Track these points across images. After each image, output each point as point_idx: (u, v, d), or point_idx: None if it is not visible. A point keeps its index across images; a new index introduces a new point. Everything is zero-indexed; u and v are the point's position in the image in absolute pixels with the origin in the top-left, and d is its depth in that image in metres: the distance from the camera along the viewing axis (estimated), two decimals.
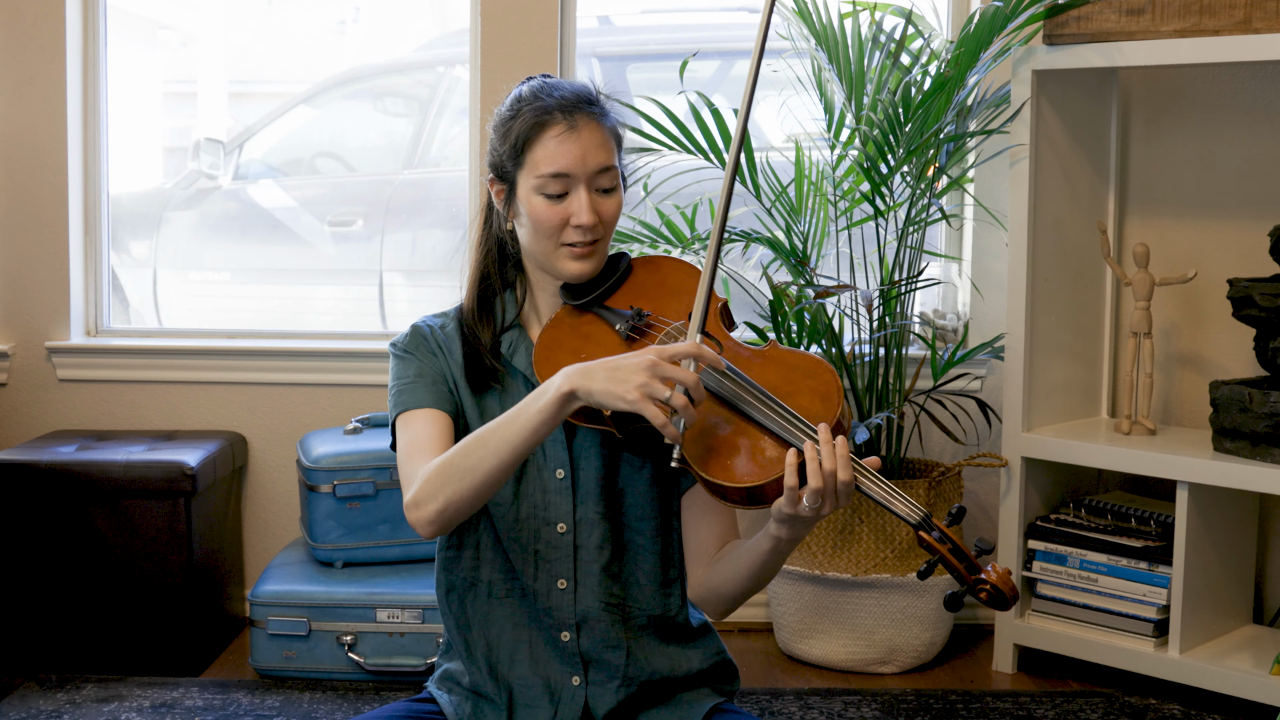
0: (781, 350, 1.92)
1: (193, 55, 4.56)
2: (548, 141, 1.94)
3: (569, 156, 1.93)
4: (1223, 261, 3.29)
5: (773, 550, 1.88)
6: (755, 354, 1.92)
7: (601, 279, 2.00)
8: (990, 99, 3.33)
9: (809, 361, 1.88)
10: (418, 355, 2.02)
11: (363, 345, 3.62)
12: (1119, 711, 3.01)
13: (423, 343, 2.03)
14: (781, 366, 1.89)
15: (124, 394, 3.60)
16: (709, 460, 1.82)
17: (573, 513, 1.99)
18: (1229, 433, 3.00)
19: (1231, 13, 2.91)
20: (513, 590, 2.01)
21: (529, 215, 1.95)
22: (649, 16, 4.23)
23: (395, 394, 2.00)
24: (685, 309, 1.97)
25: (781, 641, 3.39)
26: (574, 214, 1.93)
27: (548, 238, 1.95)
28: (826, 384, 1.85)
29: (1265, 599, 3.31)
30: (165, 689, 3.07)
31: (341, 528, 3.24)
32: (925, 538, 1.74)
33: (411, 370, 2.00)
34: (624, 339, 1.95)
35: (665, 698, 2.03)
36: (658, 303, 1.99)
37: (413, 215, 4.19)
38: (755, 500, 1.81)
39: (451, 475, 1.82)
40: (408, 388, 1.99)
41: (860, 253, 3.42)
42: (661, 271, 2.04)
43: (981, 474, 3.60)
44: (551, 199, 1.94)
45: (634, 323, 1.95)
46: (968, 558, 1.73)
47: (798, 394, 1.84)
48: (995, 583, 1.71)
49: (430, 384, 1.99)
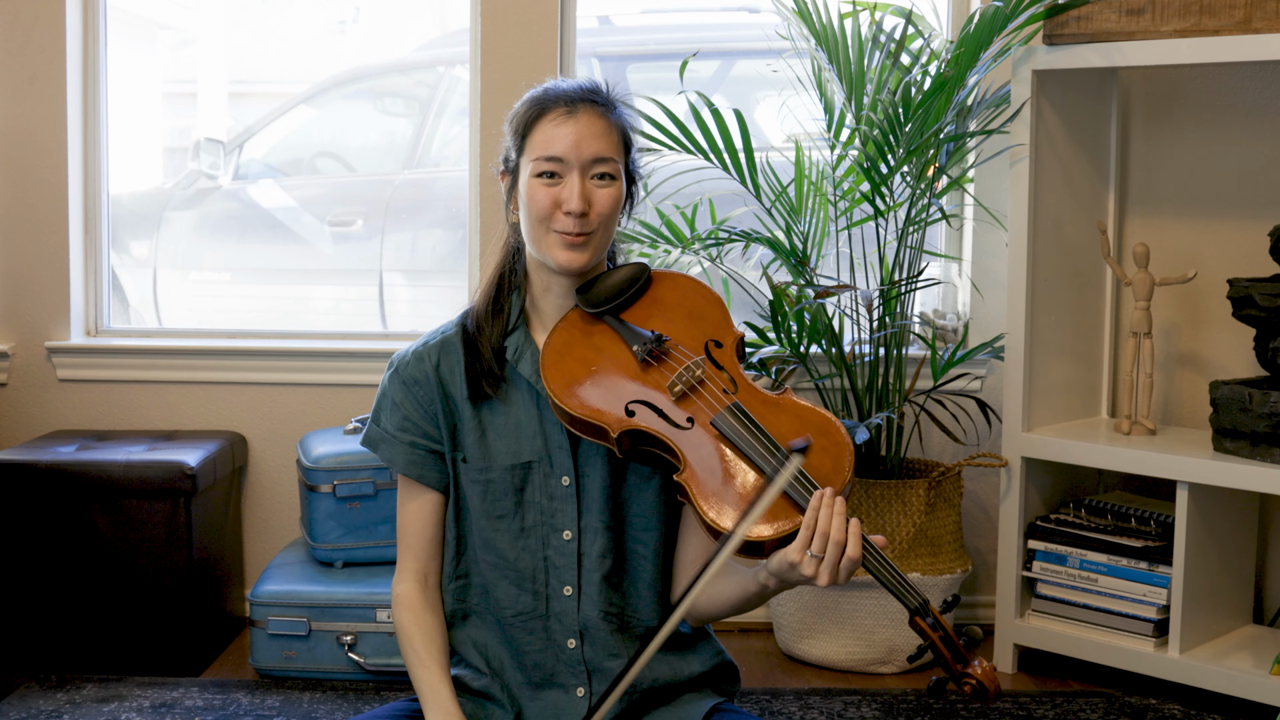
0: (795, 402, 1.89)
1: (193, 55, 4.56)
2: (545, 125, 1.95)
3: (565, 140, 1.94)
4: (1223, 261, 3.29)
5: (759, 594, 1.88)
6: (768, 400, 1.89)
7: (621, 289, 1.98)
8: (990, 99, 3.33)
9: (822, 419, 1.86)
10: (411, 392, 2.02)
11: (362, 345, 3.62)
12: (1119, 711, 3.01)
13: (421, 375, 2.02)
14: (795, 420, 1.86)
15: (124, 394, 3.60)
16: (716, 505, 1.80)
17: (577, 520, 1.99)
18: (1229, 433, 3.00)
19: (1231, 13, 2.92)
20: (520, 608, 2.01)
21: (525, 199, 1.96)
22: (649, 16, 4.23)
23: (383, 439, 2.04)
24: (704, 337, 1.95)
25: (781, 641, 3.39)
26: (564, 199, 1.93)
27: (539, 222, 1.95)
28: (839, 445, 1.83)
29: (1265, 599, 3.31)
30: (165, 689, 3.07)
31: (341, 528, 3.24)
32: (920, 623, 1.74)
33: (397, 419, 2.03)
34: (639, 362, 1.92)
35: (667, 701, 2.03)
36: (677, 326, 1.96)
37: (413, 215, 4.19)
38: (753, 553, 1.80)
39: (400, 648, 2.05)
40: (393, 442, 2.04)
41: (860, 253, 3.42)
42: (681, 290, 2.01)
43: (981, 474, 3.60)
44: (546, 181, 1.95)
45: (652, 348, 1.93)
46: (957, 648, 1.74)
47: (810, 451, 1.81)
48: (980, 678, 1.73)
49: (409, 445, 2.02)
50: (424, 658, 1.97)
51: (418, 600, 2.02)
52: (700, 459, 1.83)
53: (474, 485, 2.00)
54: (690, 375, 1.90)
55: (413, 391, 2.01)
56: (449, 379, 2.01)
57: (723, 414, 1.84)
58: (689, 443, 1.85)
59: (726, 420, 1.83)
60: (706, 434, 1.85)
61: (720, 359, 1.93)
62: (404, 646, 2.01)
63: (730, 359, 1.93)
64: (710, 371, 1.91)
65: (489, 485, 1.99)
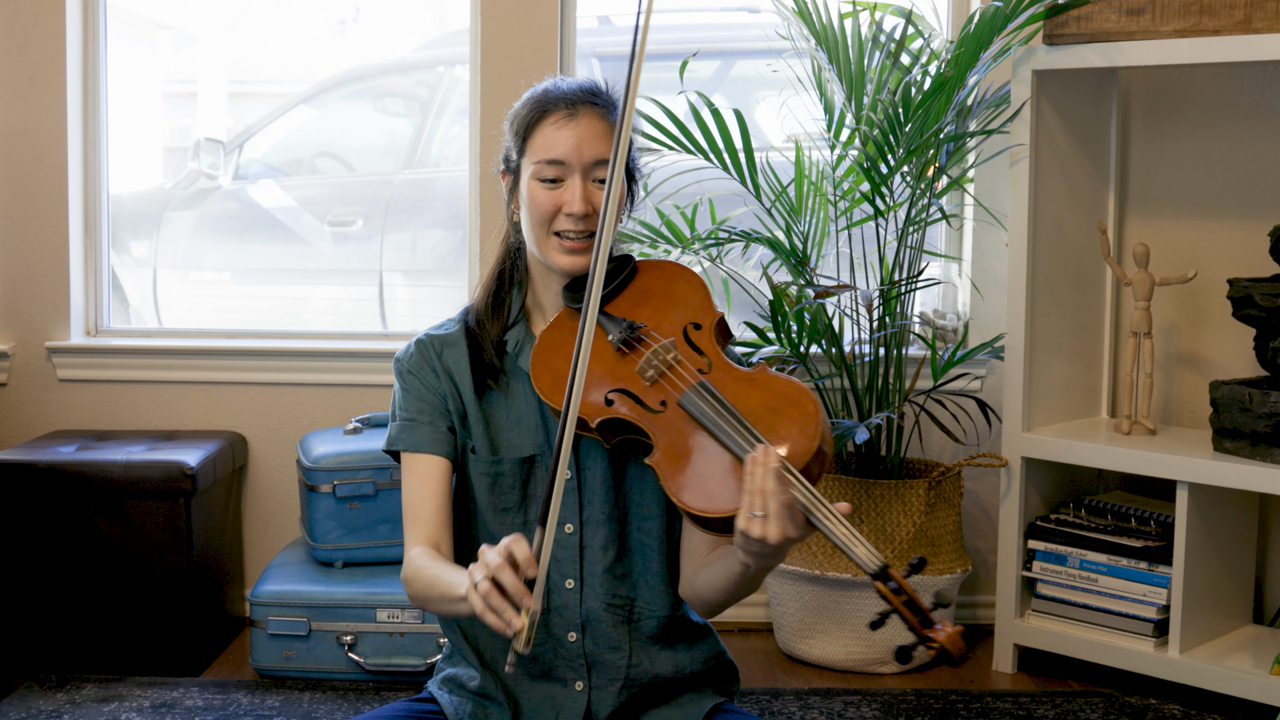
0: (770, 376, 1.87)
1: (193, 55, 4.56)
2: (546, 128, 1.96)
3: (566, 143, 1.94)
4: (1223, 261, 3.29)
5: (742, 575, 1.86)
6: (741, 377, 1.88)
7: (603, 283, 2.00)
8: (990, 99, 3.33)
9: (794, 389, 1.84)
10: (420, 378, 2.02)
11: (363, 345, 3.62)
12: (1119, 711, 3.01)
13: (425, 362, 2.03)
14: (765, 393, 1.85)
15: (124, 394, 3.60)
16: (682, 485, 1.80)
17: (579, 513, 1.99)
18: (1229, 433, 3.00)
19: (1231, 13, 2.92)
20: None
21: (526, 201, 1.97)
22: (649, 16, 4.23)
23: (397, 430, 2.02)
24: (684, 320, 1.95)
25: (781, 641, 3.39)
26: (566, 202, 1.94)
27: (540, 225, 1.96)
28: (808, 414, 1.80)
29: (1265, 599, 3.31)
30: (165, 689, 3.07)
31: (341, 528, 3.24)
32: (881, 589, 1.71)
33: (412, 405, 2.01)
34: (616, 351, 1.93)
35: (666, 698, 2.03)
36: (657, 313, 1.96)
37: (413, 215, 4.19)
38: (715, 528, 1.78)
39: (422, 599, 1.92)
40: (409, 427, 2.01)
41: (860, 253, 3.42)
42: (665, 277, 2.01)
43: (981, 474, 3.60)
44: (547, 185, 1.95)
45: (626, 335, 1.94)
46: (922, 612, 1.71)
47: (779, 423, 1.80)
48: (944, 643, 1.69)
49: (429, 423, 2.00)
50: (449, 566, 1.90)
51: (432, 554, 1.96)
52: (670, 441, 1.83)
53: (483, 478, 2.01)
54: (661, 359, 1.90)
55: (420, 376, 2.02)
56: (453, 368, 2.02)
57: (688, 393, 1.84)
58: (661, 426, 1.85)
59: (692, 399, 1.83)
60: (678, 415, 1.85)
61: (698, 340, 1.93)
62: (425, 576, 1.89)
63: (709, 340, 1.93)
64: (685, 353, 1.90)
65: (498, 478, 2.00)
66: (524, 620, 1.65)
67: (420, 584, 1.90)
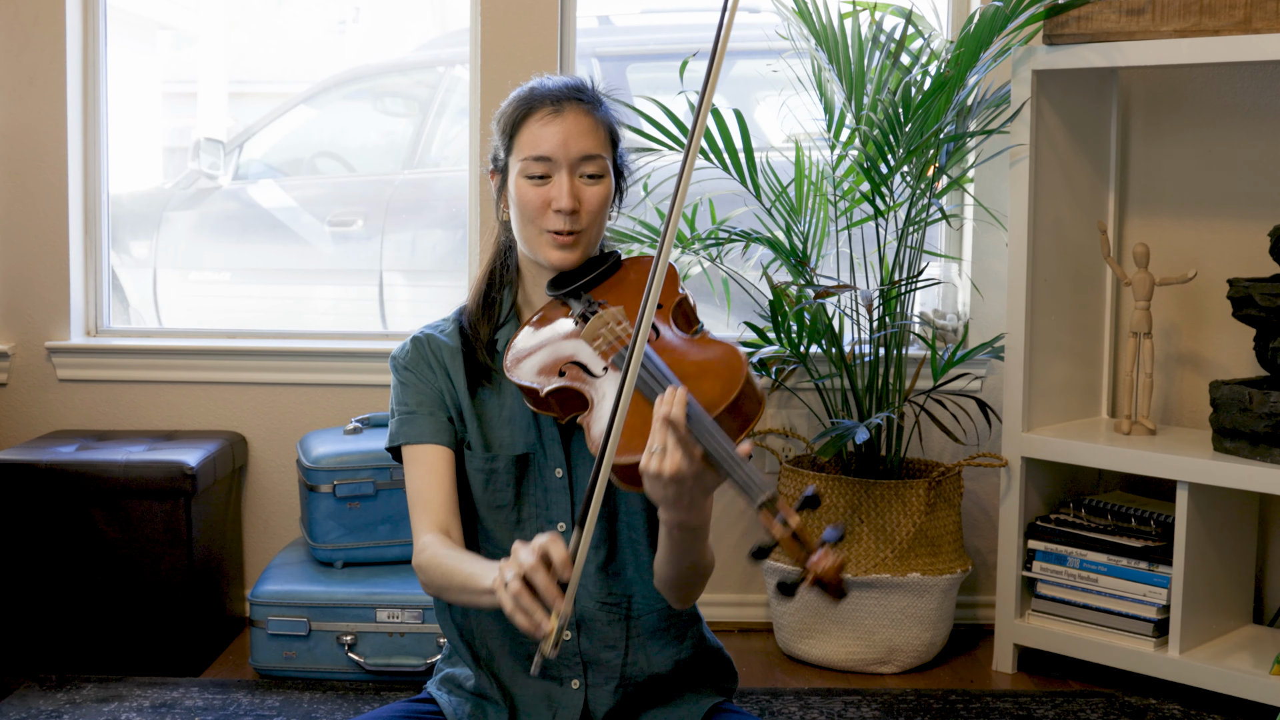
0: (706, 338, 1.91)
1: (193, 55, 4.56)
2: (532, 125, 1.97)
3: (552, 140, 1.95)
4: (1223, 261, 3.29)
5: (669, 538, 1.84)
6: (681, 340, 1.91)
7: (584, 271, 2.01)
8: (990, 99, 3.33)
9: (724, 348, 1.86)
10: (416, 373, 2.03)
11: (362, 345, 3.62)
12: (1119, 711, 3.01)
13: (421, 358, 2.04)
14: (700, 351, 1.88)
15: (124, 394, 3.60)
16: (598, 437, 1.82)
17: (571, 511, 2.00)
18: (1229, 433, 3.00)
19: (1231, 13, 2.92)
20: None
21: (515, 199, 1.98)
22: (649, 16, 4.23)
23: (397, 424, 2.02)
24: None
25: (781, 641, 3.39)
26: (554, 198, 1.95)
27: (530, 222, 1.97)
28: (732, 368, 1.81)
29: (1265, 599, 3.31)
30: (165, 689, 3.07)
31: (341, 528, 3.24)
32: (765, 520, 1.67)
33: (411, 399, 2.02)
34: (574, 324, 1.96)
35: (665, 698, 2.03)
36: (623, 296, 1.99)
37: (413, 215, 4.19)
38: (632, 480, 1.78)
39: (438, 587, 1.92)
40: (409, 419, 2.01)
41: (860, 253, 3.42)
42: (643, 268, 2.03)
43: (981, 474, 3.60)
44: (535, 181, 1.96)
45: (585, 310, 1.97)
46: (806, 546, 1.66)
47: (704, 377, 1.81)
48: (820, 575, 1.64)
49: (429, 414, 2.01)
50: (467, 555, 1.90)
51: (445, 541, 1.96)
52: (600, 398, 1.86)
53: (478, 474, 2.01)
54: (609, 329, 1.92)
55: (417, 371, 2.04)
56: (448, 365, 2.03)
57: (620, 352, 1.86)
58: (598, 389, 1.87)
59: (623, 358, 1.84)
60: (613, 376, 1.87)
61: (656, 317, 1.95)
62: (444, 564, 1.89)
63: (664, 315, 1.95)
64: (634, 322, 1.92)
65: (492, 475, 2.01)
66: (554, 623, 1.64)
67: (438, 572, 1.90)
